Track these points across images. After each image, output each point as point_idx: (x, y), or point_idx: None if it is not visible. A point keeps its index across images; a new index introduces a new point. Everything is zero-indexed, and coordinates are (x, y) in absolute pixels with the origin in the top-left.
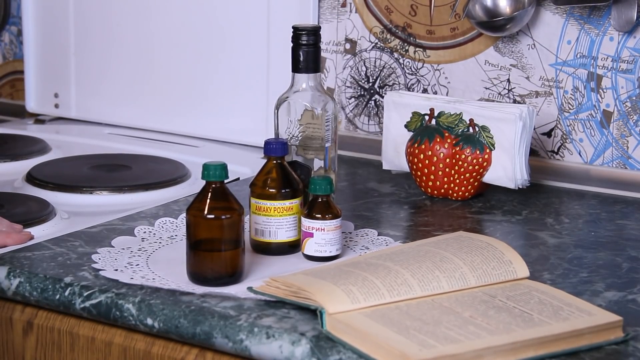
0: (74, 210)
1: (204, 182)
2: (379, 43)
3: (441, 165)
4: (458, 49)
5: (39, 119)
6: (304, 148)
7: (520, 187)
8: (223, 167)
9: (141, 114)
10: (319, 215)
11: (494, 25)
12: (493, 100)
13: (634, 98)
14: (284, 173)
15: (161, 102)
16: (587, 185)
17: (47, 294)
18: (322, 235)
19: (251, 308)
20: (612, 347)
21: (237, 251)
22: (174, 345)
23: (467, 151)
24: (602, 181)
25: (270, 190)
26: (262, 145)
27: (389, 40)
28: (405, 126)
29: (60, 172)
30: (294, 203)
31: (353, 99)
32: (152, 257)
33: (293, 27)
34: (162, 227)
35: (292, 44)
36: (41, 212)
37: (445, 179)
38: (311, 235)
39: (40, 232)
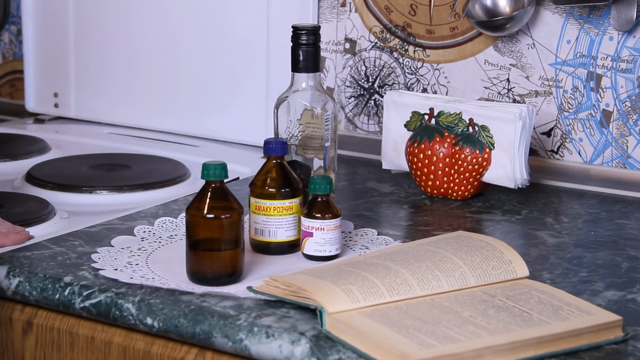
0: (74, 209)
1: (203, 182)
2: (378, 42)
3: (441, 165)
4: (458, 49)
5: (38, 119)
6: (303, 147)
7: (520, 186)
8: (223, 167)
9: (141, 114)
10: (319, 215)
11: (494, 25)
12: (493, 100)
13: (634, 97)
14: (283, 172)
15: (161, 101)
16: (587, 184)
17: (47, 294)
18: (322, 235)
19: (251, 307)
20: (611, 347)
21: (236, 251)
22: (173, 345)
23: (467, 151)
24: (602, 181)
25: (270, 189)
26: (262, 145)
27: (389, 40)
28: (405, 126)
29: (60, 172)
30: (294, 202)
31: (353, 99)
32: (152, 256)
33: (293, 27)
34: (162, 226)
35: (291, 44)
36: (41, 212)
37: (445, 179)
38: (311, 234)
39: (40, 232)
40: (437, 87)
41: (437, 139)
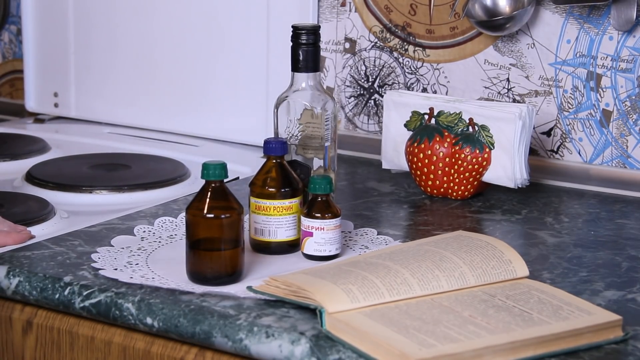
0: (74, 209)
1: (203, 182)
2: (378, 42)
3: (441, 165)
4: (457, 48)
5: (38, 118)
6: (303, 147)
7: (520, 186)
8: (223, 167)
9: (141, 113)
10: (319, 215)
11: (494, 25)
12: (492, 100)
13: (634, 97)
14: (283, 172)
15: (161, 101)
16: (587, 184)
17: (47, 293)
18: (322, 235)
19: (251, 307)
20: (611, 347)
21: (236, 250)
22: (173, 345)
23: (467, 150)
24: (602, 180)
25: (270, 189)
26: (262, 145)
27: (389, 40)
28: (405, 125)
29: (60, 172)
30: (294, 202)
31: (352, 98)
32: (152, 256)
33: (293, 27)
34: (162, 226)
35: (291, 43)
36: (41, 212)
37: (445, 178)
38: (311, 234)
39: (40, 232)
40: (437, 86)
41: (437, 139)
